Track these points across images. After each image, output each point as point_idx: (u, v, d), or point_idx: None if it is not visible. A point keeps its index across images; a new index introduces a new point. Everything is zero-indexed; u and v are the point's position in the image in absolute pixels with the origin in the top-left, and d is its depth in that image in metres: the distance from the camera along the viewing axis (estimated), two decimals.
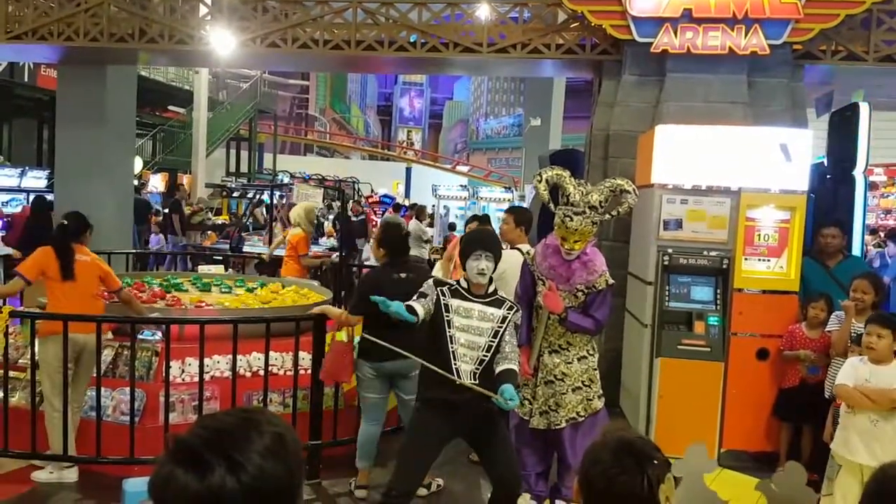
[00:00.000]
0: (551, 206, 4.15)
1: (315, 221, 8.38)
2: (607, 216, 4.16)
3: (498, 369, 3.53)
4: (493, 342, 3.57)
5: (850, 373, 3.96)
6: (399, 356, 4.35)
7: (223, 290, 6.71)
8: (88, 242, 4.90)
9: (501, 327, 3.58)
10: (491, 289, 3.68)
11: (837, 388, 3.98)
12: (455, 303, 3.57)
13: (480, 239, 3.74)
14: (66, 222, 4.78)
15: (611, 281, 4.19)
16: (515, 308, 3.70)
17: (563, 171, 4.17)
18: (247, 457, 1.05)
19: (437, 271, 5.26)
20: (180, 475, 1.03)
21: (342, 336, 4.54)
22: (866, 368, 3.92)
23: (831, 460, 4.06)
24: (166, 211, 14.26)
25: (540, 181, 4.16)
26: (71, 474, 4.59)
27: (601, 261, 4.19)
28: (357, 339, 4.55)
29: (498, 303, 3.64)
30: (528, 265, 4.30)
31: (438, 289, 3.63)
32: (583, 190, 4.09)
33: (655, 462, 1.55)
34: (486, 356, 3.54)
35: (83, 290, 4.68)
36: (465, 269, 3.67)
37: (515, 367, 3.54)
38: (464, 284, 3.65)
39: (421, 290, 3.68)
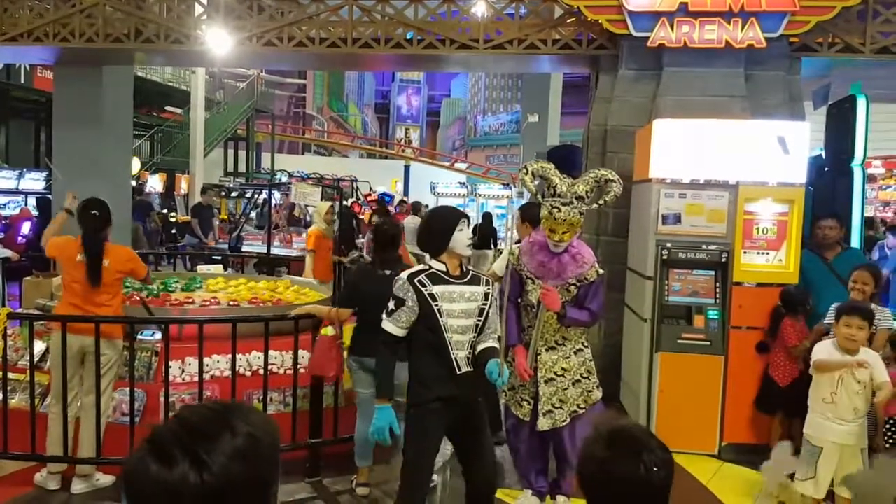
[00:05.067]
0: (538, 197, 4.19)
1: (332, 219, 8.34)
2: (594, 206, 4.19)
3: (479, 348, 3.43)
4: (480, 321, 3.44)
5: (825, 353, 4.17)
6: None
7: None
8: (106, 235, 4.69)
9: (486, 304, 3.46)
10: (465, 267, 3.53)
11: (816, 362, 4.15)
12: (438, 289, 3.35)
13: (457, 211, 3.61)
14: (96, 212, 4.59)
15: (601, 271, 4.20)
16: (493, 282, 3.61)
17: (547, 163, 4.21)
18: (213, 457, 1.06)
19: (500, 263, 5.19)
20: (150, 465, 1.06)
21: (328, 331, 4.62)
22: (838, 355, 4.10)
23: (807, 445, 4.19)
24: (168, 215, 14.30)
25: (526, 173, 4.19)
26: (51, 483, 4.49)
27: (589, 252, 4.21)
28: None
29: (476, 280, 3.50)
30: (513, 265, 4.27)
31: (416, 280, 3.36)
32: (569, 181, 4.12)
33: (650, 447, 1.54)
34: (476, 337, 3.44)
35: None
36: (443, 251, 3.46)
37: (495, 344, 3.45)
38: (440, 268, 3.44)
39: (395, 295, 3.38)
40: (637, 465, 1.50)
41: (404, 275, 3.44)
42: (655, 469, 1.51)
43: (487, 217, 13.74)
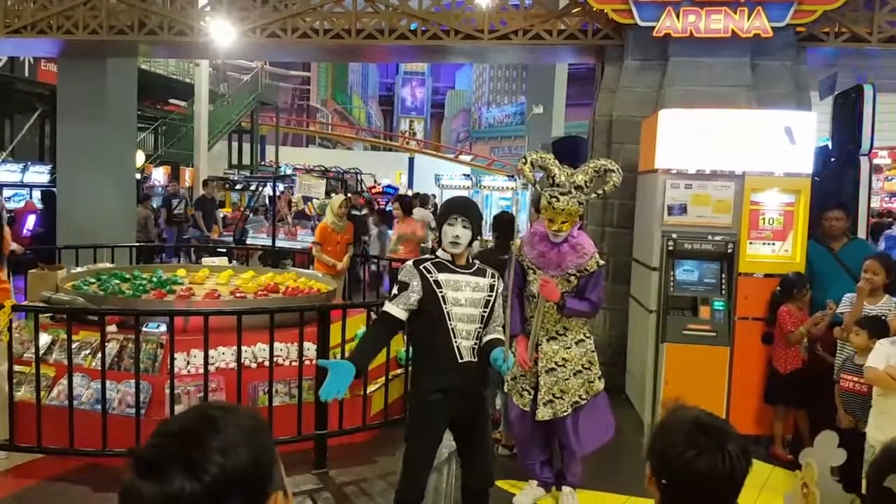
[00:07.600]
0: (537, 187, 4.19)
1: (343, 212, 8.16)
2: (593, 195, 4.19)
3: (485, 339, 3.40)
4: (486, 312, 3.41)
5: (882, 356, 3.84)
6: None
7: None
8: None
9: (492, 296, 3.43)
10: (471, 259, 3.53)
11: (868, 372, 3.87)
12: (443, 277, 3.35)
13: (458, 204, 3.51)
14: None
15: (601, 262, 4.20)
16: (498, 276, 3.55)
17: (546, 154, 4.22)
18: (205, 455, 1.05)
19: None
20: (142, 486, 1.04)
21: None
22: (894, 349, 3.83)
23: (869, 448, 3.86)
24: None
25: (525, 163, 4.18)
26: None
27: (589, 242, 4.21)
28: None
29: (482, 272, 3.47)
30: (516, 256, 4.28)
31: (421, 266, 3.37)
32: (568, 171, 4.12)
33: (732, 437, 1.53)
34: (482, 329, 3.41)
35: None
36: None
37: (501, 336, 3.42)
38: (446, 256, 3.43)
39: (400, 279, 3.39)
40: (723, 459, 1.50)
41: (410, 261, 3.48)
42: (738, 460, 1.51)
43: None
